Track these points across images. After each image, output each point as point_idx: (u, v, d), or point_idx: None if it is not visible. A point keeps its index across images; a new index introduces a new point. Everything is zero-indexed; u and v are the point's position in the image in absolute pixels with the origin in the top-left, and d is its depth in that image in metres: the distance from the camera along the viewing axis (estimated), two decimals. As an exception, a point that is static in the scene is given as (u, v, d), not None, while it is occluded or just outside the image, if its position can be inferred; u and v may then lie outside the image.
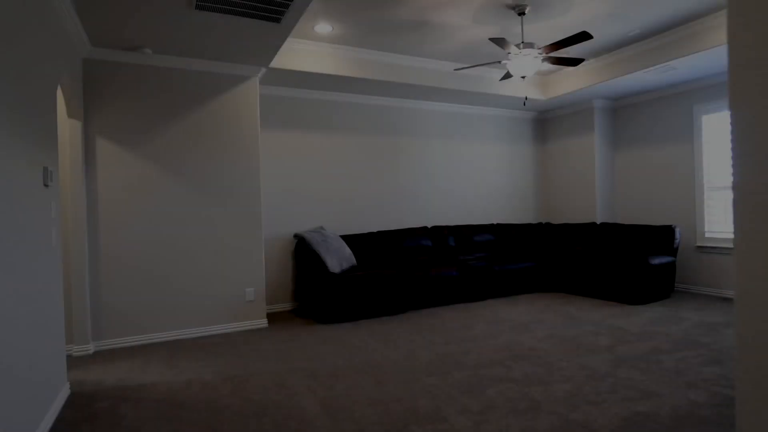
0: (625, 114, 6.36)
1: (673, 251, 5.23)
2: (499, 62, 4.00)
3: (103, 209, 3.88)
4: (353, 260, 4.95)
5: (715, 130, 5.32)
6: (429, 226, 6.17)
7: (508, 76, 4.28)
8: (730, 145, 1.34)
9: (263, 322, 4.45)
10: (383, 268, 4.98)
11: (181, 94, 4.17)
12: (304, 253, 4.81)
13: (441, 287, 5.12)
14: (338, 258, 4.72)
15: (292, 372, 3.16)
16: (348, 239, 5.31)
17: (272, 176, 5.19)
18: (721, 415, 2.33)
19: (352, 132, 5.66)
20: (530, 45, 3.80)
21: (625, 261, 4.98)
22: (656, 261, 4.93)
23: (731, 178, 4.62)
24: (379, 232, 5.56)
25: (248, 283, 4.40)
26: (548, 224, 6.62)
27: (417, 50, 4.90)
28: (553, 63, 4.01)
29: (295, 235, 5.00)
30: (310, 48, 4.61)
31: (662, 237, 5.27)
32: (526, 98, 4.26)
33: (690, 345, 3.49)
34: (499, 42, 3.51)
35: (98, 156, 3.87)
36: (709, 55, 4.51)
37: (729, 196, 5.19)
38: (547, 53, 3.78)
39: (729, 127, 1.26)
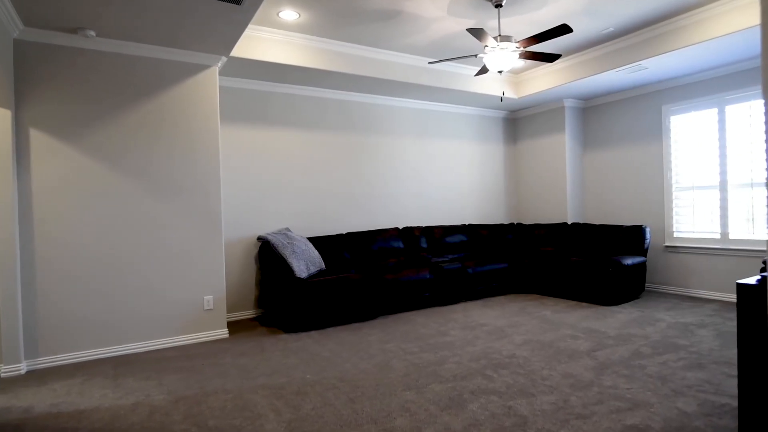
0: (595, 114, 6.36)
1: (643, 251, 5.22)
2: (475, 56, 3.83)
3: (39, 210, 3.44)
4: (321, 264, 4.66)
5: (684, 131, 5.36)
6: (400, 227, 5.96)
7: (483, 71, 4.11)
8: (764, 137, 1.17)
9: (223, 333, 4.11)
10: (353, 271, 4.72)
11: (131, 82, 3.77)
12: (268, 256, 4.49)
13: (413, 291, 4.91)
14: (305, 262, 4.43)
15: (255, 390, 2.85)
16: (316, 241, 5.02)
17: (234, 174, 4.84)
18: (715, 426, 2.21)
19: (320, 129, 5.38)
20: (508, 38, 3.64)
21: (599, 262, 4.92)
22: (629, 262, 4.89)
23: (695, 179, 4.39)
24: (349, 234, 5.30)
25: (207, 290, 4.04)
26: (520, 224, 6.54)
27: (389, 43, 4.67)
28: (530, 58, 3.87)
29: (259, 238, 4.67)
30: (275, 37, 4.30)
31: (633, 237, 5.26)
32: (503, 93, 4.11)
33: (669, 348, 3.41)
34: (477, 33, 3.33)
35: (32, 149, 3.43)
36: (681, 55, 4.51)
37: (697, 196, 5.24)
38: (524, 47, 3.64)
39: (764, 118, 1.09)
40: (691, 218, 5.32)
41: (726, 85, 4.95)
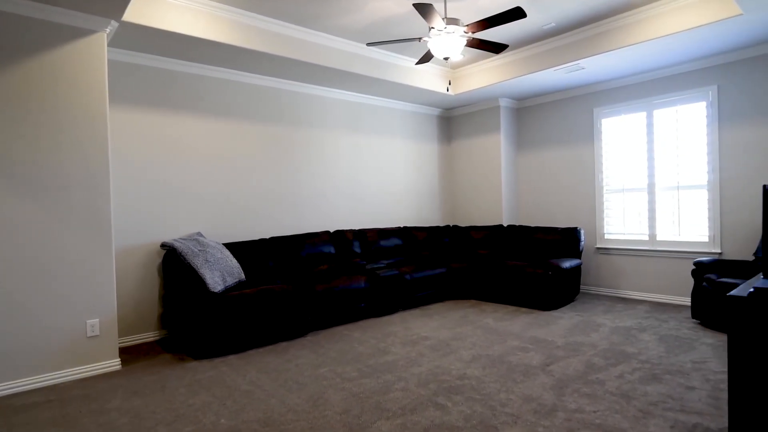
0: (528, 115, 6.30)
1: (578, 253, 5.18)
2: (419, 40, 3.43)
3: None
4: (241, 274, 4.00)
5: (614, 134, 5.41)
6: (331, 230, 5.43)
7: (427, 57, 3.73)
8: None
9: (114, 364, 3.31)
10: (278, 282, 4.12)
11: (-20, 44, 2.87)
12: (175, 267, 3.75)
13: (348, 302, 4.41)
14: (221, 272, 3.75)
15: (149, 447, 2.19)
16: (233, 248, 4.32)
17: (131, 168, 4.00)
18: (700, 457, 1.97)
19: (241, 118, 4.68)
20: (455, 21, 3.28)
21: (538, 266, 4.77)
22: (567, 265, 4.79)
23: (624, 182, 4.22)
24: (273, 239, 4.66)
25: (91, 312, 3.22)
26: (456, 227, 6.30)
27: (321, 23, 4.14)
28: (477, 46, 3.55)
29: (163, 245, 3.90)
30: (183, 3, 3.58)
31: (568, 239, 5.20)
32: (450, 83, 3.76)
33: (620, 357, 3.25)
34: (424, 9, 2.92)
35: None
36: (618, 56, 4.47)
37: (626, 198, 5.30)
38: (473, 32, 3.30)
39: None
40: (621, 220, 5.38)
41: (654, 90, 5.04)
